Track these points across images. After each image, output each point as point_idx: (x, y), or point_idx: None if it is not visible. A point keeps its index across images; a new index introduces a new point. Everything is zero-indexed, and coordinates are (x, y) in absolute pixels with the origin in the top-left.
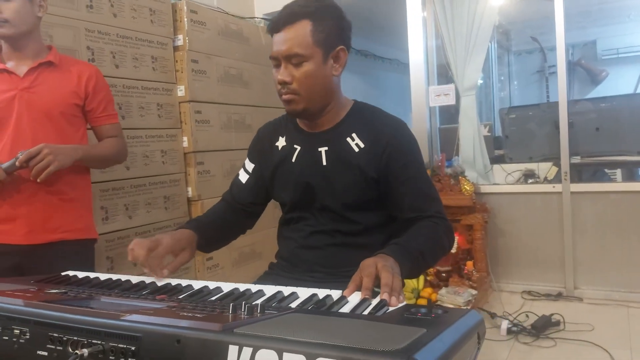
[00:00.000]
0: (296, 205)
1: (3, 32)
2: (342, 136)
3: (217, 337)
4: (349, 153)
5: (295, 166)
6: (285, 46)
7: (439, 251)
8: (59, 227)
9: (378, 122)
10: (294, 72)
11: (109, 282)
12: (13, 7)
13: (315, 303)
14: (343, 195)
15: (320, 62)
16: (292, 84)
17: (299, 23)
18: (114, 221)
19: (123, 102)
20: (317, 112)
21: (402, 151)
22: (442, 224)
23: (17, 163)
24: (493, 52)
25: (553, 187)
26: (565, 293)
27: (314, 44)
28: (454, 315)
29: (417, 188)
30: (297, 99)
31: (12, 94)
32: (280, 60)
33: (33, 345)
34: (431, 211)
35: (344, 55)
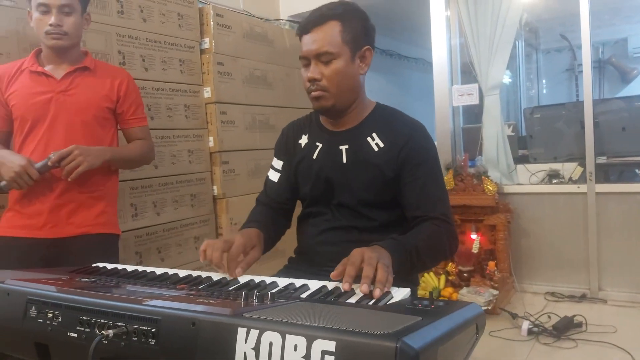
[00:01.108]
0: (315, 200)
1: (62, 43)
2: (362, 136)
3: (228, 320)
4: (369, 152)
5: (316, 162)
6: (316, 45)
7: (437, 253)
8: (83, 222)
9: (398, 123)
10: (324, 70)
11: (135, 273)
12: (72, 21)
13: (324, 294)
14: (360, 193)
15: (349, 60)
16: (322, 80)
17: (328, 24)
18: (142, 218)
19: (152, 103)
20: (344, 109)
21: (417, 152)
22: (445, 227)
23: (49, 163)
24: (520, 50)
25: (578, 187)
26: (590, 295)
27: (342, 43)
28: (452, 307)
29: (426, 188)
30: (327, 96)
31: (49, 96)
32: (310, 59)
33: (64, 328)
34: (436, 213)
35: (370, 55)
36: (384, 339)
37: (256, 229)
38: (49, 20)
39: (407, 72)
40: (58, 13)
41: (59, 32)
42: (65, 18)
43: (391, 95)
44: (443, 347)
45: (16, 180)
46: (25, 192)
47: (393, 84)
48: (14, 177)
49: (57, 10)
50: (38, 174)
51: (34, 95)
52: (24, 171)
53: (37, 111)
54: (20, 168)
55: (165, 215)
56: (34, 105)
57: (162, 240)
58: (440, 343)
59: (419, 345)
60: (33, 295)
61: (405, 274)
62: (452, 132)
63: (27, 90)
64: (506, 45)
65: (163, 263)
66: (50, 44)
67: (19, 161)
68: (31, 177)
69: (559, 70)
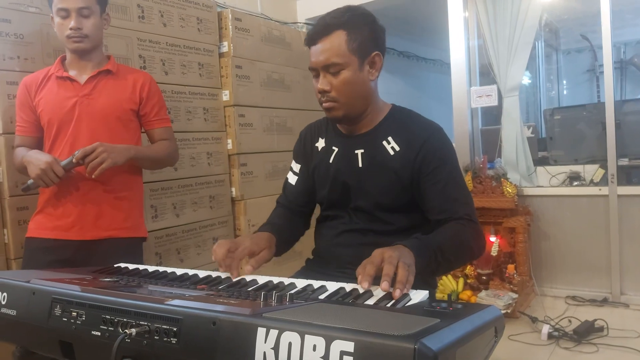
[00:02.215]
0: (332, 204)
1: (82, 46)
2: (378, 139)
3: (247, 320)
4: (385, 156)
5: (332, 166)
6: (323, 57)
7: (463, 252)
8: (110, 225)
9: (414, 126)
10: (333, 81)
11: (156, 274)
12: (92, 24)
13: (342, 295)
14: (377, 197)
15: (357, 69)
16: (331, 92)
17: (334, 34)
18: (162, 219)
19: (172, 106)
20: (357, 117)
21: (435, 154)
22: (471, 226)
23: (73, 160)
24: (540, 51)
25: (599, 189)
26: (611, 299)
27: (349, 52)
28: (471, 309)
29: (447, 191)
30: (337, 106)
31: (74, 101)
32: (318, 70)
33: (88, 326)
34: (460, 214)
35: (379, 60)
36: (402, 340)
37: (268, 232)
38: (69, 24)
39: (425, 73)
40: (77, 16)
41: (79, 35)
42: (85, 20)
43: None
44: (461, 350)
45: (42, 178)
46: (53, 193)
47: (410, 86)
48: (40, 174)
49: (76, 13)
50: (63, 171)
51: (60, 100)
52: (49, 168)
53: (63, 116)
54: (46, 165)
55: (185, 216)
56: (59, 110)
57: (181, 241)
58: (459, 345)
59: (437, 347)
60: (58, 295)
61: (430, 273)
62: (471, 133)
63: (54, 96)
64: (525, 46)
65: (182, 264)
66: (72, 47)
67: (45, 158)
68: (56, 174)
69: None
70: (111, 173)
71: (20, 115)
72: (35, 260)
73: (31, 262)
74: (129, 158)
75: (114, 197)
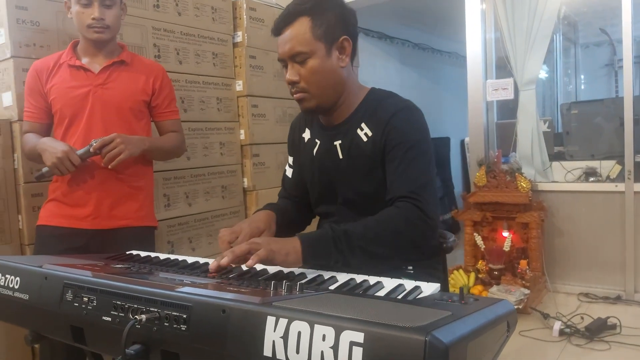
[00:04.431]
0: (321, 200)
1: (104, 37)
2: (353, 128)
3: (257, 309)
4: (359, 144)
5: (316, 160)
6: (288, 46)
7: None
8: (124, 215)
9: (383, 107)
10: (300, 71)
11: (167, 261)
12: (113, 14)
13: (352, 286)
14: (360, 187)
15: (324, 56)
16: (300, 82)
17: (298, 21)
18: (175, 208)
19: (185, 96)
20: (331, 107)
21: (396, 133)
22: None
23: (91, 150)
24: (558, 44)
25: (615, 186)
26: (625, 297)
27: (314, 39)
28: (483, 303)
29: (399, 170)
30: (308, 97)
31: (87, 90)
32: (286, 61)
33: (99, 312)
34: (403, 192)
35: (349, 45)
36: (413, 332)
37: (267, 211)
38: (90, 14)
39: (440, 66)
40: (100, 6)
41: (102, 25)
42: (107, 11)
43: (423, 89)
44: (473, 343)
45: (58, 166)
46: (66, 181)
47: (425, 78)
48: (56, 162)
49: (98, 3)
50: (79, 160)
51: (72, 90)
52: (65, 157)
53: (76, 105)
54: (63, 154)
55: (197, 206)
56: (72, 99)
57: (193, 230)
58: (471, 339)
59: (448, 340)
60: (69, 280)
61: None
62: (486, 127)
63: (66, 85)
64: (543, 39)
65: (194, 253)
66: (93, 38)
67: (61, 147)
68: (73, 163)
69: (598, 66)
70: (126, 163)
71: (29, 101)
72: (48, 248)
73: (43, 250)
74: (143, 149)
75: (128, 186)
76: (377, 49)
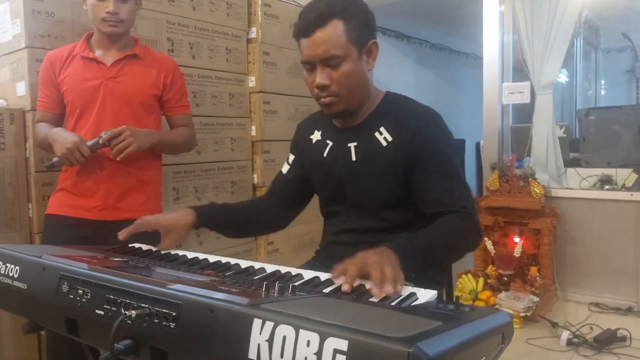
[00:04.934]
0: (330, 200)
1: (117, 31)
2: (370, 130)
3: (244, 310)
4: (377, 148)
5: (326, 161)
6: (321, 49)
7: (456, 247)
8: (131, 207)
9: (407, 113)
10: (333, 74)
11: (167, 256)
12: (128, 8)
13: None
14: (372, 191)
15: (356, 60)
16: (332, 86)
17: (331, 24)
18: (184, 202)
19: (197, 90)
20: (356, 110)
21: (430, 143)
22: (467, 219)
23: (100, 141)
24: (579, 48)
25: (631, 195)
26: (636, 308)
27: (348, 43)
28: (477, 313)
29: (444, 182)
30: (338, 101)
31: (99, 82)
32: (315, 64)
33: (92, 305)
34: (457, 206)
35: (376, 48)
36: (397, 342)
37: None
38: (105, 7)
39: (457, 67)
40: (115, 0)
41: (116, 19)
42: (122, 5)
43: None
44: (462, 356)
45: (67, 157)
46: (76, 172)
47: (442, 79)
48: (66, 153)
49: None
50: (89, 151)
51: (84, 81)
52: (75, 147)
53: (87, 97)
54: (73, 144)
55: (206, 200)
56: (84, 91)
57: None
58: (459, 351)
59: (433, 352)
60: (66, 272)
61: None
62: (500, 130)
63: (78, 76)
64: (562, 43)
65: (201, 247)
66: (107, 31)
67: (72, 138)
68: (82, 154)
69: (620, 71)
70: (134, 156)
71: (42, 90)
72: (55, 237)
73: (50, 239)
74: (152, 143)
75: (137, 179)
76: (393, 49)
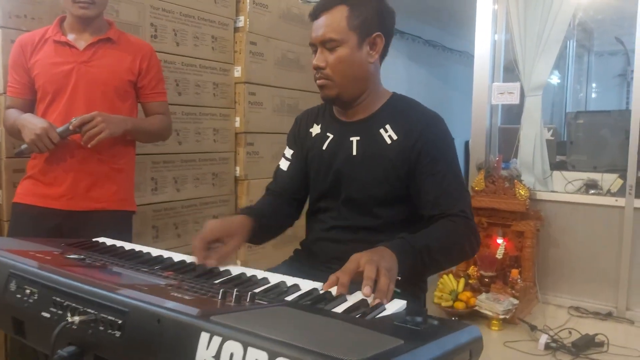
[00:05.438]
0: (323, 194)
1: (88, 13)
2: (375, 127)
3: (192, 322)
4: (381, 144)
5: (325, 153)
6: (321, 31)
7: (454, 252)
8: (102, 197)
9: (413, 114)
10: (328, 57)
11: (130, 253)
12: None
13: (312, 298)
14: (370, 188)
15: (355, 47)
16: (326, 69)
17: (336, 8)
18: (162, 192)
19: (180, 79)
20: (352, 100)
21: (433, 145)
22: (465, 224)
23: (70, 127)
24: (571, 50)
25: (616, 200)
26: (616, 313)
27: (348, 29)
28: (445, 329)
29: (444, 185)
30: (330, 84)
31: (71, 67)
32: (317, 46)
33: (39, 306)
34: (455, 210)
35: (381, 42)
36: None
37: (243, 216)
38: None
39: (450, 64)
40: None
41: (87, 1)
42: None
43: (431, 87)
44: None
45: (36, 143)
46: (45, 159)
47: (434, 76)
48: (34, 139)
49: None
50: (59, 137)
51: (56, 66)
52: (44, 134)
53: (58, 82)
54: (42, 130)
55: (186, 192)
56: (55, 75)
57: (180, 216)
58: None
59: None
60: (14, 269)
61: (418, 276)
62: (488, 131)
63: (49, 60)
64: (554, 44)
65: (179, 239)
66: (79, 14)
67: (41, 124)
68: (52, 140)
69: (611, 75)
70: (106, 144)
71: (12, 75)
72: (21, 227)
73: (17, 228)
74: (125, 130)
75: (109, 168)
76: None
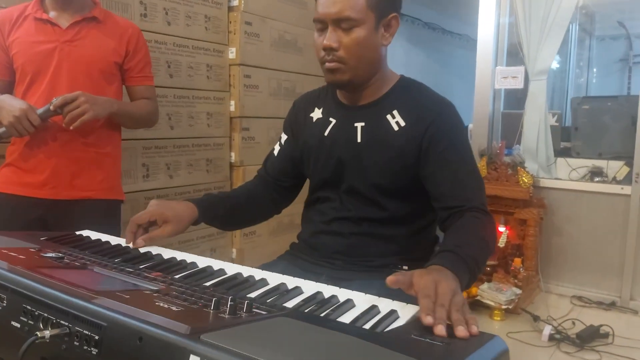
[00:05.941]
0: (323, 183)
1: None
2: (382, 112)
3: (179, 342)
4: (387, 131)
5: (327, 139)
6: (336, 8)
7: (488, 254)
8: (87, 185)
9: (423, 100)
10: (343, 38)
11: (116, 249)
12: None
13: (317, 303)
14: (374, 177)
15: (372, 28)
16: (339, 50)
17: None
18: (154, 179)
19: (172, 60)
20: (361, 85)
21: (446, 133)
22: (488, 220)
23: (51, 108)
24: (573, 34)
25: (621, 188)
26: (620, 303)
27: (367, 8)
28: (469, 347)
29: (459, 176)
30: (343, 68)
31: (53, 46)
32: (327, 23)
33: (8, 315)
34: (474, 202)
35: (396, 23)
36: None
37: (189, 204)
38: None
39: (450, 48)
40: None
41: None
42: None
43: (430, 71)
44: None
45: (15, 126)
46: (24, 144)
47: (433, 60)
48: (13, 122)
49: None
50: (39, 119)
51: (37, 45)
52: (24, 115)
53: (40, 62)
54: (21, 112)
55: (179, 178)
56: (36, 55)
57: None
58: None
59: None
60: None
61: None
62: (491, 116)
63: (30, 39)
64: (559, 28)
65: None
66: None
67: (20, 105)
68: (32, 122)
69: (613, 60)
70: (91, 127)
71: None
72: (1, 219)
73: None
74: (111, 112)
75: (95, 153)
76: None
